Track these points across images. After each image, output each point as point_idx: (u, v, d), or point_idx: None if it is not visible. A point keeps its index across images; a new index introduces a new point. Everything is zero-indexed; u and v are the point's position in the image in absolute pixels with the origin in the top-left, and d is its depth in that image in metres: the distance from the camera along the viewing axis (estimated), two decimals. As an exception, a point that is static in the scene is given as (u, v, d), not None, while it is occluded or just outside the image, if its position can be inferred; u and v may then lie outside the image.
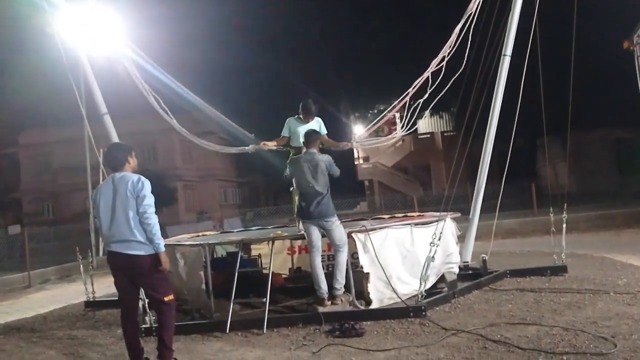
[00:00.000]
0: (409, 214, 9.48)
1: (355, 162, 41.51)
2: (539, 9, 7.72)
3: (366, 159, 41.98)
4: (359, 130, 38.51)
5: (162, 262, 4.76)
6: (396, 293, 6.37)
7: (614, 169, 27.95)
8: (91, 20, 8.03)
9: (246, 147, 7.88)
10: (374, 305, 6.31)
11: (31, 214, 37.65)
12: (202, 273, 6.75)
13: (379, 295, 6.36)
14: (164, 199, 28.47)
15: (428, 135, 40.86)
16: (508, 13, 8.00)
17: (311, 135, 6.77)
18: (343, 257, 6.41)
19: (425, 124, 40.12)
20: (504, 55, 7.98)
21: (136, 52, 7.89)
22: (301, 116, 7.32)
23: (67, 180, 37.06)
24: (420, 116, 8.59)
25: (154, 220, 4.73)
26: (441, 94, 8.02)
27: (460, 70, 7.91)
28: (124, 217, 4.73)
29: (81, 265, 8.40)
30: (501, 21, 7.95)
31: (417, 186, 36.66)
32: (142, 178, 4.82)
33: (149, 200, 4.74)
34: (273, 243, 6.99)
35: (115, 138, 7.73)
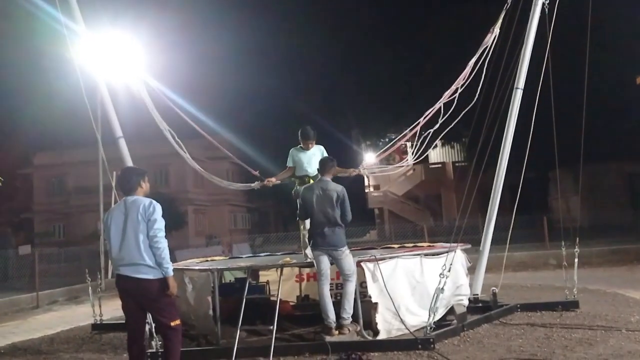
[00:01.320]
0: (418, 244, 9.41)
1: (366, 190, 41.49)
2: (552, 41, 7.75)
3: (377, 187, 41.96)
4: (370, 158, 38.71)
5: (170, 287, 4.76)
6: (404, 324, 6.31)
7: (627, 203, 27.66)
8: (110, 46, 8.19)
9: (252, 184, 8.06)
10: (382, 336, 6.25)
11: (42, 235, 37.92)
12: (209, 298, 6.73)
13: (387, 325, 6.30)
14: (174, 223, 28.56)
15: (439, 165, 40.89)
16: (521, 46, 8.05)
17: (326, 162, 6.76)
18: (352, 287, 6.35)
19: (437, 154, 40.20)
20: (517, 88, 8.00)
21: (151, 83, 8.01)
22: (301, 144, 7.38)
23: (79, 202, 37.43)
24: (430, 146, 8.60)
25: (163, 244, 4.75)
26: (451, 126, 8.03)
27: (473, 103, 7.96)
28: (134, 241, 4.75)
29: (89, 287, 8.41)
30: (514, 53, 8.00)
31: (428, 216, 36.50)
32: (154, 202, 4.86)
33: (160, 224, 4.78)
34: (281, 270, 6.98)
35: (129, 161, 7.78)
